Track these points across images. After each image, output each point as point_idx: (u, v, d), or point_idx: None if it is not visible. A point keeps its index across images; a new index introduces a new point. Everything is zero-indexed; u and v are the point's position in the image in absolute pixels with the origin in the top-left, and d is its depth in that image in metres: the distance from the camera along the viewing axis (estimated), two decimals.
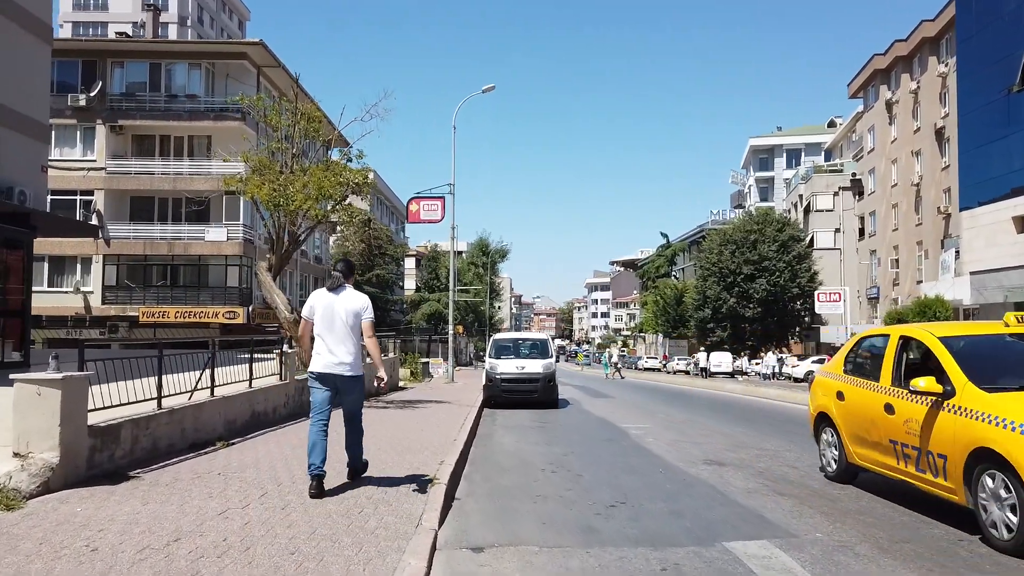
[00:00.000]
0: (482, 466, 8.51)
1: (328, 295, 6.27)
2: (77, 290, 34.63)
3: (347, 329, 6.19)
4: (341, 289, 6.31)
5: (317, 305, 6.26)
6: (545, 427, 12.76)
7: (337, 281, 6.35)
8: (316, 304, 6.28)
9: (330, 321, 6.17)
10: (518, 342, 18.81)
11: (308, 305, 6.39)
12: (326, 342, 6.18)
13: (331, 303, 6.22)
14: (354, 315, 6.21)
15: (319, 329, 6.21)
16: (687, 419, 14.35)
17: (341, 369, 6.21)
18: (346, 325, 6.18)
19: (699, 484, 7.40)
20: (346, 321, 6.17)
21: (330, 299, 6.24)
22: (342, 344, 6.18)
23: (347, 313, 6.18)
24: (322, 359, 6.19)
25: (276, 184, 12.69)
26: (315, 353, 6.27)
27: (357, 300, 6.28)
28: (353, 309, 6.21)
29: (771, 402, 19.36)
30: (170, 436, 7.61)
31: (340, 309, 6.18)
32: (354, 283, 6.42)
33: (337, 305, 6.20)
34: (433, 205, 26.84)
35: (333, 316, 6.17)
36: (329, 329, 6.18)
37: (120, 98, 35.29)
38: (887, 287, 48.04)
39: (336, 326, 6.17)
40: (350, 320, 6.19)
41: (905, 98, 45.94)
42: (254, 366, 10.34)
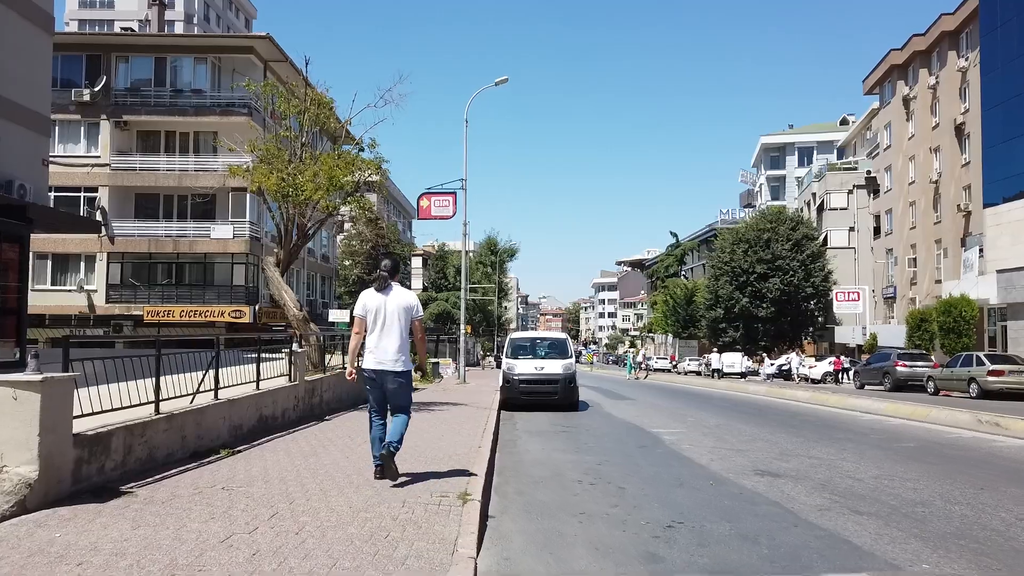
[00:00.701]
0: (512, 477, 7.74)
1: (378, 295, 6.39)
2: (81, 289, 34.01)
3: (397, 327, 6.33)
4: (389, 288, 6.43)
5: (369, 304, 6.41)
6: (570, 432, 11.98)
7: (384, 280, 6.44)
8: (368, 303, 6.42)
9: (381, 319, 6.32)
10: (536, 341, 18.01)
11: (360, 304, 6.50)
12: (377, 340, 6.33)
13: (382, 302, 6.36)
14: (404, 312, 6.37)
15: (371, 327, 6.36)
16: (720, 423, 13.53)
17: (392, 365, 6.32)
18: (397, 322, 6.33)
19: (760, 500, 6.61)
20: (397, 318, 6.33)
21: (381, 298, 6.37)
22: (393, 341, 6.32)
23: (398, 310, 6.34)
24: (374, 356, 6.33)
25: (284, 173, 11.94)
26: (367, 351, 6.40)
27: (407, 298, 6.45)
28: (404, 306, 6.38)
29: (802, 405, 18.44)
30: (169, 444, 6.85)
31: (391, 307, 6.34)
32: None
33: (388, 304, 6.35)
34: (444, 201, 26.09)
35: (384, 314, 6.33)
36: (380, 327, 6.32)
37: (125, 93, 34.67)
38: (904, 286, 47.07)
39: (387, 324, 6.31)
40: (401, 317, 6.34)
41: (923, 94, 44.97)
42: (261, 366, 9.59)
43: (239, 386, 8.94)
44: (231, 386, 8.66)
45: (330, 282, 49.70)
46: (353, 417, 11.73)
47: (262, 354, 9.77)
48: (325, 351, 13.25)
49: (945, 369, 24.03)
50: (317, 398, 11.80)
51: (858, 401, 16.56)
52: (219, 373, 8.17)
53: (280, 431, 9.53)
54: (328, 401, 12.49)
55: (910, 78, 46.79)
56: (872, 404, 15.78)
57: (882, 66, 49.63)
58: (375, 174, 13.30)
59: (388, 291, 6.40)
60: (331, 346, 14.73)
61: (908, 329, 34.10)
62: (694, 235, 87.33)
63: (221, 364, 8.24)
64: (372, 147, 13.65)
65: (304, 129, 13.19)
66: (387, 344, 6.29)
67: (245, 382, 9.12)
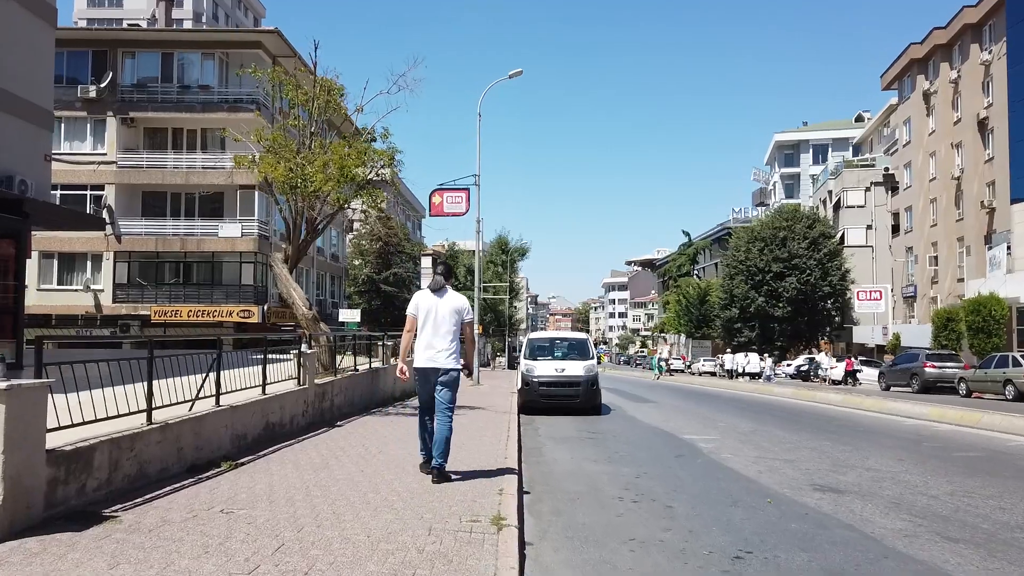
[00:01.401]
0: (546, 493, 6.96)
1: (432, 296, 6.65)
2: (87, 288, 33.48)
3: (448, 328, 6.55)
4: (443, 291, 6.71)
5: (422, 305, 6.65)
6: (597, 439, 11.19)
7: (439, 283, 6.75)
8: (420, 304, 6.67)
9: (433, 320, 6.55)
10: (555, 342, 17.22)
11: (413, 304, 6.77)
12: (428, 339, 6.55)
13: (435, 303, 6.61)
14: (456, 314, 6.62)
15: (422, 327, 6.58)
16: (754, 429, 12.70)
17: (443, 363, 6.52)
18: (448, 324, 6.56)
19: (831, 523, 5.81)
20: (448, 320, 6.56)
21: (434, 300, 6.63)
22: (443, 341, 6.53)
23: (449, 312, 6.59)
24: (425, 355, 6.55)
25: (292, 163, 11.20)
26: (418, 350, 6.62)
27: (458, 301, 6.72)
28: (455, 309, 6.63)
29: (836, 408, 17.47)
30: (163, 457, 6.11)
31: (443, 309, 6.58)
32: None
33: (441, 306, 6.59)
34: (457, 197, 25.35)
35: (436, 315, 6.56)
36: (432, 327, 6.54)
37: (131, 90, 34.13)
38: (925, 285, 46.05)
39: (438, 325, 6.54)
40: (452, 319, 6.58)
41: (944, 88, 43.98)
42: (268, 369, 8.85)
43: (243, 391, 8.20)
44: (234, 391, 7.91)
45: (339, 282, 49.06)
46: (366, 423, 10.99)
47: (268, 355, 9.02)
48: (336, 352, 12.50)
49: (978, 370, 23.13)
50: (328, 402, 11.07)
51: (896, 404, 15.68)
52: (221, 376, 7.43)
53: (288, 439, 8.79)
54: (339, 405, 11.76)
55: (930, 72, 45.81)
56: (913, 408, 14.90)
57: (901, 60, 48.66)
58: (388, 165, 12.55)
59: (442, 294, 6.68)
60: (342, 347, 14.00)
61: (934, 329, 33.11)
62: (706, 234, 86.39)
63: (224, 366, 7.50)
64: (385, 137, 12.92)
65: (313, 118, 12.45)
66: (438, 344, 6.51)
67: (250, 386, 8.38)
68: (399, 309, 54.32)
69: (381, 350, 15.90)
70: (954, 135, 42.45)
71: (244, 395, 8.13)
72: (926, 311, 45.64)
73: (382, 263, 52.35)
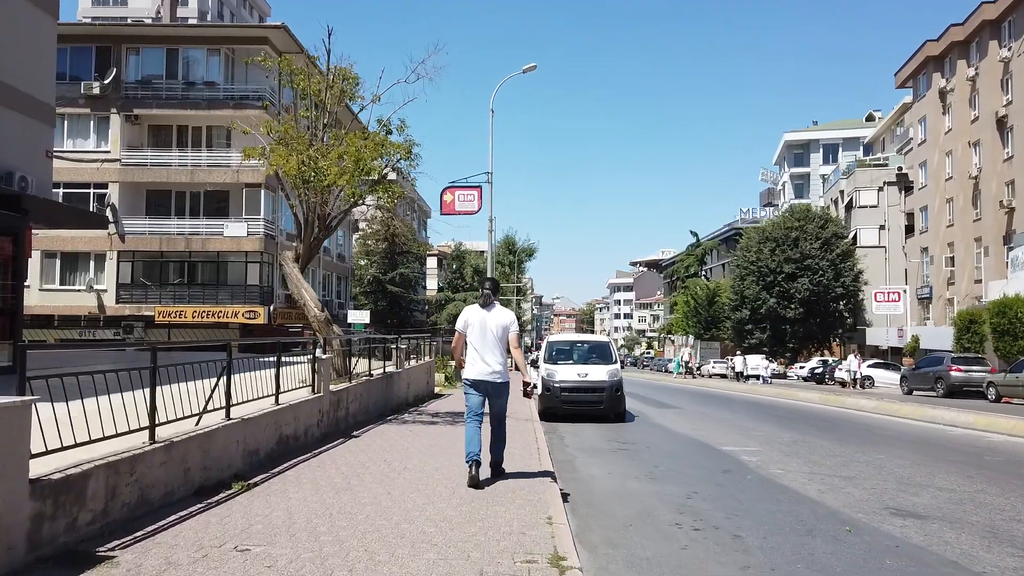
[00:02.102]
0: (592, 518, 6.23)
1: (481, 311, 6.93)
2: (90, 288, 32.84)
3: (496, 341, 6.84)
4: (492, 306, 6.98)
5: (471, 319, 6.93)
6: (630, 450, 10.47)
7: (488, 299, 7.00)
8: (470, 319, 6.95)
9: (482, 334, 6.83)
10: (576, 345, 16.48)
11: (462, 319, 7.02)
12: (479, 352, 6.82)
13: (484, 318, 6.88)
14: (503, 328, 6.88)
15: (472, 341, 6.86)
16: (795, 439, 11.94)
17: (492, 376, 6.79)
18: (496, 337, 6.84)
19: (929, 558, 5.08)
20: (496, 334, 6.84)
21: (483, 314, 6.90)
22: (492, 354, 6.81)
23: (497, 327, 6.86)
24: (476, 367, 6.82)
25: (305, 156, 10.50)
26: (468, 362, 6.92)
27: (506, 316, 7.00)
28: (503, 323, 6.90)
29: (871, 416, 16.53)
30: (168, 480, 5.41)
31: (492, 323, 6.85)
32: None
33: (489, 320, 6.86)
34: (469, 195, 24.62)
35: (485, 329, 6.83)
36: (482, 341, 6.82)
37: (135, 86, 33.49)
38: (941, 286, 45.26)
39: (488, 338, 6.82)
40: (500, 333, 6.86)
41: (961, 86, 43.20)
42: (279, 375, 8.14)
43: (255, 401, 7.48)
44: (245, 401, 7.20)
45: (346, 282, 48.40)
46: (384, 432, 10.28)
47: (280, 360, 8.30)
48: (350, 356, 11.79)
49: (1008, 374, 22.36)
50: (343, 411, 10.36)
51: (937, 412, 14.88)
52: (231, 386, 6.72)
53: (303, 453, 8.09)
54: (354, 413, 11.06)
55: (947, 70, 45.05)
56: (957, 416, 14.08)
57: (916, 58, 47.89)
58: (405, 158, 11.85)
59: (490, 308, 6.94)
60: (354, 350, 13.27)
61: (956, 331, 32.30)
62: (714, 234, 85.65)
63: (233, 373, 6.80)
64: (401, 129, 12.21)
65: (326, 109, 11.74)
66: (488, 356, 6.79)
67: (261, 396, 7.66)
68: (405, 310, 53.80)
69: (395, 353, 15.20)
70: (971, 133, 41.70)
71: (255, 406, 7.43)
72: (942, 313, 44.85)
73: (388, 263, 51.70)
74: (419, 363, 17.92)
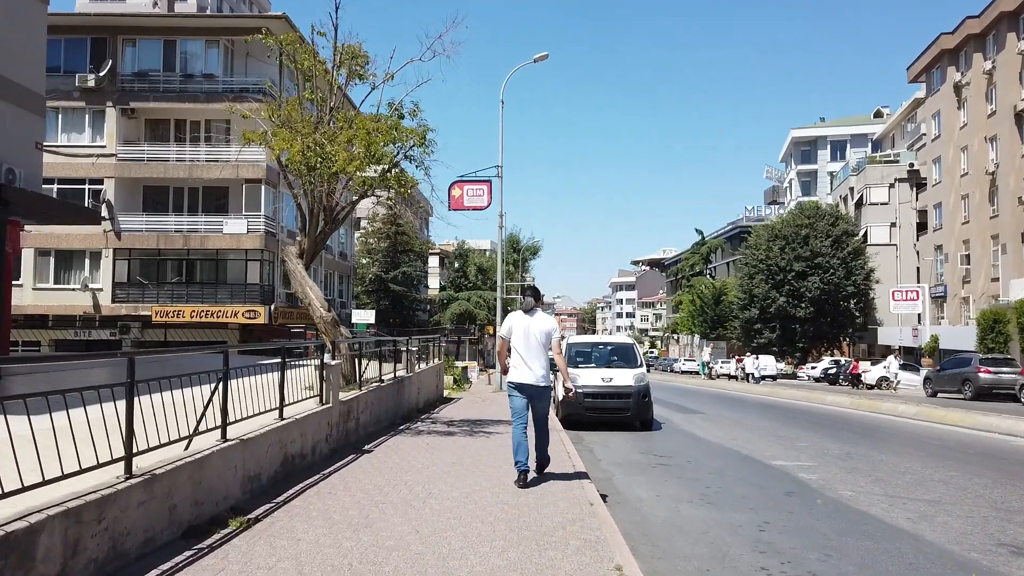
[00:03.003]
0: (657, 558, 5.23)
1: (524, 317, 7.20)
2: (85, 287, 31.83)
3: (539, 346, 7.08)
4: (534, 312, 7.27)
5: (515, 326, 7.18)
6: (671, 466, 9.47)
7: (529, 305, 7.31)
8: (514, 325, 7.20)
9: (525, 339, 7.08)
10: (599, 347, 15.46)
11: (506, 326, 7.28)
12: (522, 357, 7.05)
13: (527, 324, 7.13)
14: (546, 335, 7.13)
15: (516, 346, 7.10)
16: (848, 451, 10.90)
17: (536, 380, 7.06)
18: (539, 343, 7.08)
19: None
20: (539, 340, 7.08)
21: (526, 321, 7.16)
22: (536, 359, 7.05)
23: (540, 333, 7.11)
24: (520, 372, 7.07)
25: (311, 140, 9.48)
26: (512, 367, 7.15)
27: (548, 322, 7.25)
28: (545, 330, 7.15)
29: (915, 423, 15.37)
30: (148, 523, 4.41)
31: (535, 330, 7.11)
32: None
33: (532, 326, 7.12)
34: (479, 190, 23.60)
35: (528, 335, 7.08)
36: (525, 346, 7.05)
37: (132, 79, 32.45)
38: (956, 285, 44.31)
39: (531, 344, 7.06)
40: (542, 339, 7.10)
41: (977, 79, 42.26)
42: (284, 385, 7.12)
43: (256, 417, 6.46)
44: (245, 418, 6.18)
45: (348, 281, 47.40)
46: (398, 446, 9.27)
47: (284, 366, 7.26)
48: (359, 361, 10.78)
49: None
50: (353, 422, 9.36)
51: (990, 420, 13.75)
52: (228, 399, 5.70)
53: (310, 474, 7.09)
54: (365, 424, 10.05)
55: (962, 63, 44.12)
56: (1015, 425, 12.95)
57: (930, 52, 46.95)
58: (419, 144, 10.83)
59: (532, 314, 7.24)
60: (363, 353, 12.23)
61: (980, 331, 31.33)
62: (718, 232, 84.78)
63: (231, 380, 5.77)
64: (415, 114, 11.18)
65: (334, 90, 10.72)
66: (531, 361, 7.05)
67: (263, 411, 6.62)
68: (408, 309, 52.79)
69: (406, 356, 14.19)
70: (988, 128, 40.77)
71: (257, 422, 6.42)
72: (957, 311, 43.89)
73: (390, 262, 50.70)
74: (429, 366, 16.93)
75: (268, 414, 6.66)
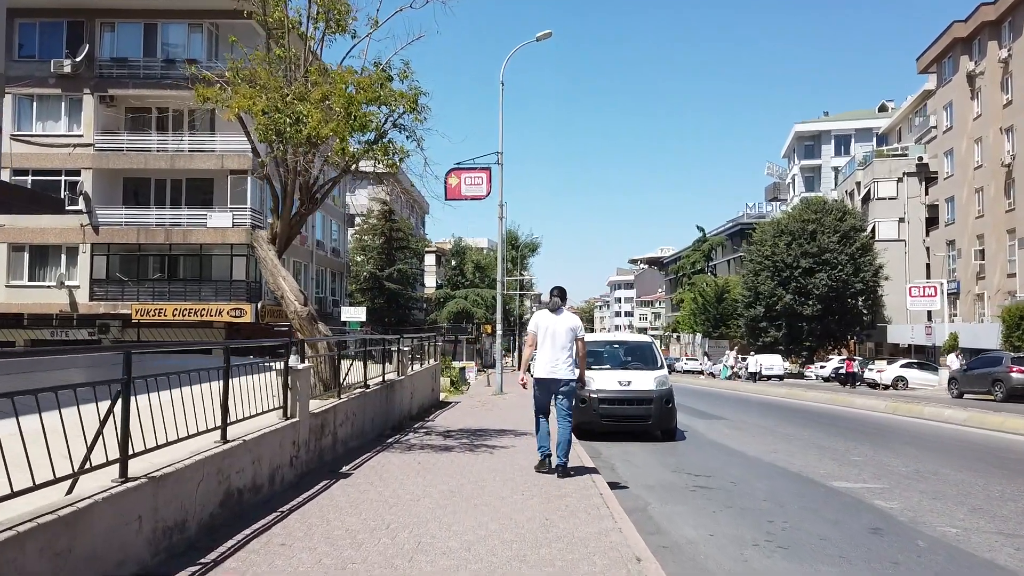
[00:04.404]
0: None
1: (551, 315, 7.74)
2: (61, 284, 30.14)
3: (564, 343, 7.57)
4: (560, 311, 7.78)
5: (541, 323, 7.71)
6: (713, 489, 7.85)
7: (556, 304, 7.81)
8: (540, 322, 7.74)
9: (552, 336, 7.59)
10: (614, 347, 13.77)
11: (534, 322, 7.85)
12: (548, 353, 7.56)
13: (553, 322, 7.67)
14: (570, 332, 7.63)
15: (542, 343, 7.62)
16: (917, 469, 9.18)
17: (560, 375, 7.53)
18: (565, 340, 7.58)
19: None
20: (565, 336, 7.59)
21: (552, 319, 7.70)
22: (560, 355, 7.54)
23: (565, 330, 7.62)
24: (544, 367, 7.56)
25: (278, 96, 7.84)
26: (538, 362, 7.63)
27: (573, 321, 7.74)
28: (569, 327, 7.64)
29: (967, 429, 13.54)
30: None
31: (561, 328, 7.62)
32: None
33: (558, 324, 7.64)
34: (477, 178, 21.96)
35: (555, 333, 7.60)
36: (551, 343, 7.57)
37: (110, 64, 30.78)
38: (969, 281, 42.85)
39: (557, 341, 7.57)
40: (568, 336, 7.61)
41: (992, 68, 40.79)
42: (238, 394, 5.49)
43: (183, 441, 4.80)
44: (162, 445, 4.51)
45: (341, 278, 45.74)
46: (384, 467, 7.64)
47: (233, 367, 5.63)
48: (340, 363, 9.13)
49: None
50: (328, 437, 7.72)
51: None
52: (133, 421, 4.07)
53: (266, 512, 5.45)
54: (345, 439, 8.41)
55: (976, 52, 42.69)
56: None
57: (942, 41, 45.50)
58: (411, 110, 9.20)
59: (559, 313, 7.74)
60: (346, 353, 10.58)
61: (1005, 328, 29.81)
62: (719, 230, 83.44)
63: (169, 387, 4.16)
64: (404, 76, 9.55)
65: (308, 42, 9.08)
66: (558, 357, 7.51)
67: (195, 432, 4.97)
68: (403, 308, 51.12)
69: (397, 356, 12.54)
70: (1004, 119, 39.34)
71: (186, 448, 4.77)
72: (971, 309, 42.43)
73: (386, 259, 49.04)
74: (424, 367, 15.29)
75: (203, 436, 5.01)
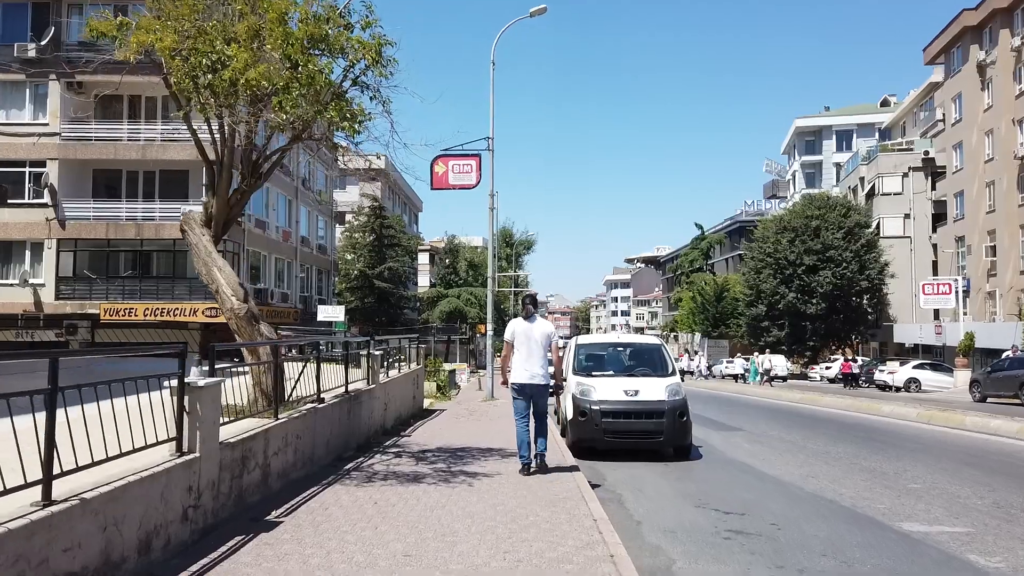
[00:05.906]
0: None
1: (525, 323, 8.13)
2: (25, 283, 28.30)
3: (540, 349, 8.01)
4: (533, 318, 8.20)
5: (518, 330, 8.11)
6: (754, 536, 6.09)
7: (530, 311, 8.24)
8: (516, 330, 8.12)
9: (527, 343, 8.01)
10: (619, 350, 11.97)
11: (509, 330, 8.20)
12: (523, 360, 7.97)
13: (528, 328, 8.08)
14: (546, 337, 8.08)
15: (519, 349, 8.05)
16: (995, 501, 7.35)
17: (536, 380, 7.95)
18: (539, 346, 8.01)
19: None
20: (539, 343, 8.02)
21: (526, 326, 8.10)
22: (536, 361, 7.95)
23: (541, 336, 8.05)
24: (522, 373, 7.96)
25: (193, 30, 6.08)
26: (515, 367, 8.03)
27: (546, 327, 8.26)
28: (544, 333, 8.11)
29: (1018, 443, 11.89)
30: None
31: (535, 333, 8.04)
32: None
33: (533, 331, 8.06)
34: (466, 165, 20.22)
35: (529, 339, 8.02)
36: (527, 349, 7.99)
37: (78, 48, 28.86)
38: (980, 279, 41.28)
39: (531, 347, 7.99)
40: (542, 342, 8.04)
41: (1004, 57, 39.21)
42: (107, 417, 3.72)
43: None
44: None
45: (327, 276, 43.94)
46: (325, 510, 5.88)
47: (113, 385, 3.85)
48: (281, 373, 7.34)
49: None
50: (255, 472, 5.92)
51: None
52: None
53: None
54: (282, 470, 6.63)
55: (986, 41, 41.09)
56: None
57: (950, 30, 43.88)
58: (373, 64, 7.45)
59: (532, 320, 8.16)
60: (300, 357, 8.79)
61: None
62: (718, 228, 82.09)
63: None
64: (367, 24, 7.80)
65: None
66: (534, 363, 7.93)
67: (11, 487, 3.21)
68: (395, 307, 49.35)
69: (366, 363, 10.76)
70: (1017, 109, 37.80)
71: None
72: (982, 307, 40.88)
73: (376, 257, 47.22)
74: (402, 373, 13.51)
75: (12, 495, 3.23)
